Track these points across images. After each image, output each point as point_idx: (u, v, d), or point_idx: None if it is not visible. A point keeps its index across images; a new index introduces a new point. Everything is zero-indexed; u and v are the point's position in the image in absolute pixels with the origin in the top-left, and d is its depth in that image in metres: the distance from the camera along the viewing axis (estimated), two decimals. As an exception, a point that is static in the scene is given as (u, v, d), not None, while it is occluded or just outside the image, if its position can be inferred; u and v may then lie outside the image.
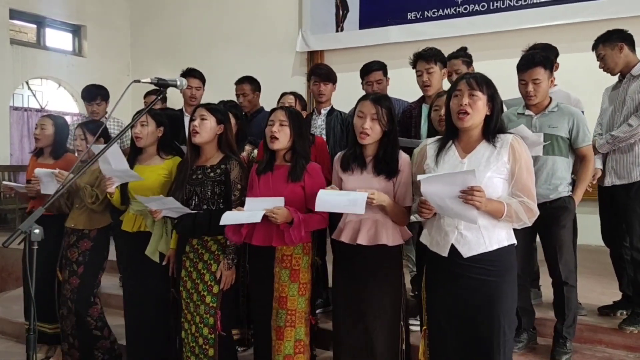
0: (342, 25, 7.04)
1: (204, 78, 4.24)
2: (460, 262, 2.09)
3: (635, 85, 3.18)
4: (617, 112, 3.27)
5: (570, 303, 2.93)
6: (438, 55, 3.30)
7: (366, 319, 2.42)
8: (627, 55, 3.23)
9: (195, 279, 2.72)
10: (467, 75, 2.16)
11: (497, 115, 2.13)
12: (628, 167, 3.17)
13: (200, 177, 2.72)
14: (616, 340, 3.10)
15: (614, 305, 3.39)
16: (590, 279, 3.99)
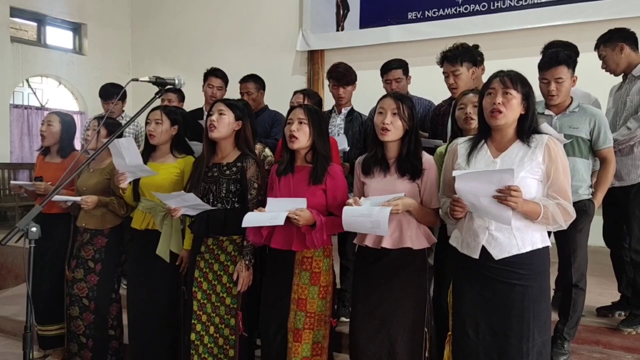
0: (343, 25, 7.04)
1: (226, 78, 4.25)
2: (491, 264, 2.04)
3: (635, 87, 3.15)
4: (619, 113, 3.26)
5: (576, 305, 2.91)
6: (464, 54, 3.18)
7: (388, 325, 2.34)
8: (628, 55, 3.21)
9: (212, 280, 2.68)
10: (501, 73, 2.10)
11: (532, 115, 2.08)
12: (627, 169, 3.17)
13: (216, 174, 2.67)
14: (614, 341, 3.10)
15: (612, 306, 3.40)
16: (590, 279, 3.89)
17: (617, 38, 3.23)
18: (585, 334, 3.17)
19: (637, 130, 3.08)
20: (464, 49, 3.22)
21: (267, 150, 3.14)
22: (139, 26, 8.58)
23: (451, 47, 3.23)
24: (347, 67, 3.65)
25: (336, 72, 3.62)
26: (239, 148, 2.73)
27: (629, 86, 3.21)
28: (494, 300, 2.05)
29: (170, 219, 2.85)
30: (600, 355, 3.04)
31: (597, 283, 3.90)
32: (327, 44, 7.13)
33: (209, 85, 4.14)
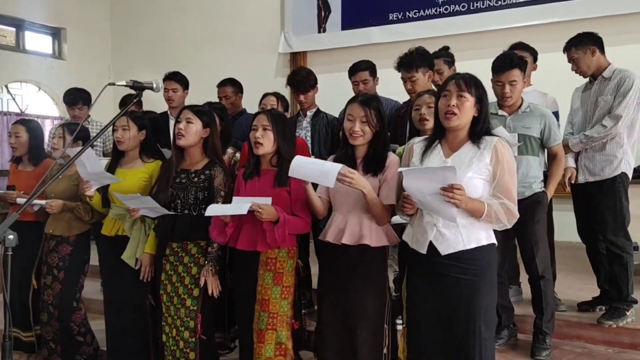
0: (325, 26, 7.06)
1: (184, 80, 4.25)
2: (438, 260, 2.11)
3: (608, 88, 3.27)
4: (589, 112, 3.37)
5: (547, 298, 2.99)
6: (419, 60, 3.25)
7: (350, 321, 2.41)
8: (598, 58, 3.33)
9: (176, 282, 2.72)
10: (456, 76, 2.16)
11: (485, 117, 2.14)
12: (600, 164, 3.28)
13: (184, 181, 2.71)
14: (595, 336, 3.16)
15: (592, 301, 3.46)
16: (569, 275, 4.06)
17: (588, 42, 3.34)
18: (567, 329, 3.23)
19: (613, 128, 3.19)
20: (419, 54, 3.28)
21: (239, 155, 3.16)
22: (120, 30, 8.51)
23: (406, 53, 3.29)
24: (305, 74, 3.66)
25: (295, 80, 3.63)
26: (207, 155, 2.77)
27: (599, 87, 3.33)
28: (442, 293, 2.13)
29: (139, 224, 2.88)
30: (582, 349, 3.10)
31: (578, 279, 3.97)
32: (310, 45, 7.14)
33: (165, 89, 4.16)
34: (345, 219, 2.42)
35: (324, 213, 2.52)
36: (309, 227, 2.58)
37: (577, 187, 3.38)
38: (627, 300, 3.20)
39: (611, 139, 3.24)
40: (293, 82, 3.64)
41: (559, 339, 3.17)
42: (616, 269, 3.22)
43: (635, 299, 3.24)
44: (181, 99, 4.24)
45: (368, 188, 2.28)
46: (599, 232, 3.33)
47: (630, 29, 5.50)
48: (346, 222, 2.41)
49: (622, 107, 3.17)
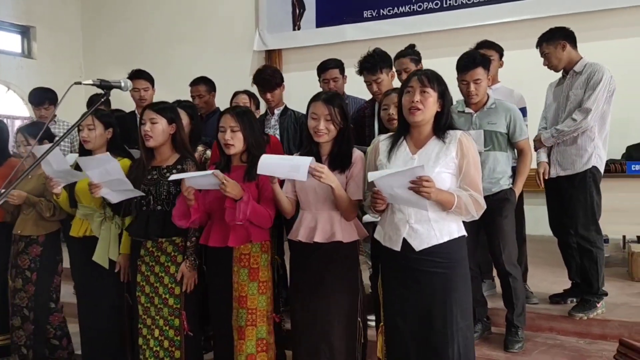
0: (299, 24, 7.05)
1: (151, 78, 4.16)
2: (413, 255, 2.13)
3: (578, 82, 3.29)
4: (561, 107, 3.39)
5: (517, 292, 3.02)
6: (382, 61, 3.25)
7: (323, 318, 2.42)
8: (569, 52, 3.34)
9: (154, 283, 2.69)
10: (418, 72, 2.20)
11: (448, 112, 2.18)
12: (571, 158, 3.30)
13: (156, 177, 2.69)
14: (567, 327, 3.21)
15: (564, 294, 3.51)
16: (542, 268, 4.12)
17: (558, 36, 3.36)
18: (539, 322, 3.27)
19: (583, 121, 3.21)
20: (380, 55, 3.29)
21: (209, 152, 3.13)
22: (91, 28, 8.37)
23: (367, 57, 3.28)
24: (271, 73, 3.64)
25: (260, 79, 3.60)
26: (178, 150, 2.75)
27: (571, 81, 3.35)
28: (418, 288, 2.15)
29: (107, 224, 2.84)
30: (554, 341, 3.14)
31: (550, 272, 4.02)
32: (284, 43, 7.13)
33: (135, 89, 4.02)
34: (315, 217, 2.43)
35: (291, 212, 2.53)
36: (271, 220, 2.55)
37: (550, 182, 3.42)
38: (597, 293, 3.24)
39: (582, 133, 3.25)
40: (259, 80, 3.61)
41: (532, 331, 3.21)
42: (587, 263, 3.26)
43: (605, 292, 3.30)
44: (152, 97, 4.13)
45: (336, 183, 2.29)
46: (570, 226, 3.37)
47: (597, 26, 5.60)
48: (316, 220, 2.43)
49: (591, 100, 3.19)
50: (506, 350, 2.98)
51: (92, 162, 2.58)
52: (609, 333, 3.13)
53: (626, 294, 3.69)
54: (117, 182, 2.57)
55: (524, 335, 3.05)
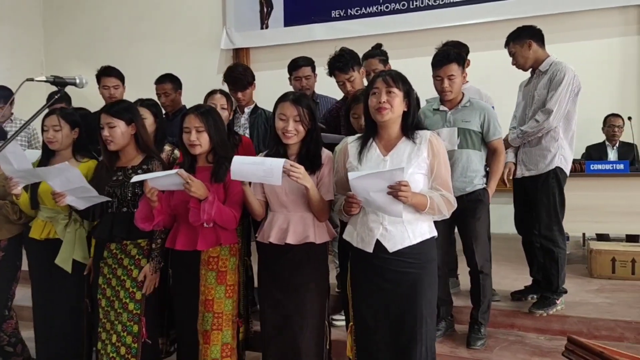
0: (267, 23, 7.02)
1: (122, 76, 4.08)
2: (385, 256, 2.14)
3: (543, 81, 3.33)
4: (528, 106, 3.43)
5: (485, 290, 3.07)
6: (353, 59, 3.25)
7: (292, 319, 2.41)
8: (536, 51, 3.37)
9: (115, 286, 2.63)
10: (383, 73, 2.22)
11: (414, 111, 2.20)
12: (535, 159, 3.35)
13: (121, 178, 2.63)
14: (527, 324, 3.28)
15: (525, 290, 3.59)
16: (505, 266, 4.20)
17: (525, 35, 3.39)
18: (501, 318, 3.34)
19: (545, 122, 3.25)
20: (350, 54, 3.29)
21: (177, 152, 3.07)
22: (53, 24, 8.12)
23: (338, 56, 3.28)
24: (242, 71, 3.60)
25: (231, 78, 3.57)
26: (142, 150, 2.70)
27: (537, 81, 3.39)
28: (389, 289, 2.16)
29: (73, 226, 2.78)
30: (515, 337, 3.21)
31: (513, 269, 4.10)
32: (252, 42, 7.09)
33: (104, 87, 3.95)
34: (287, 218, 2.41)
35: (262, 214, 2.50)
36: (236, 221, 2.52)
37: (516, 182, 3.48)
38: (557, 291, 3.32)
39: (546, 134, 3.28)
40: (230, 79, 3.57)
41: (494, 327, 3.27)
42: (548, 261, 3.33)
43: (565, 289, 3.38)
44: (122, 95, 4.05)
45: (311, 183, 2.27)
46: (534, 226, 3.44)
47: (563, 28, 5.75)
48: (288, 221, 2.40)
49: (553, 101, 3.21)
50: (469, 347, 3.03)
51: (52, 172, 2.50)
52: (567, 329, 3.20)
53: (585, 290, 3.80)
54: (80, 189, 2.51)
55: (486, 332, 3.11)
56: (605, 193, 4.41)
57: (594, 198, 4.40)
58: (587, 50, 5.75)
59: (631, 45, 5.74)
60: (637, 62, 5.73)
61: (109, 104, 2.71)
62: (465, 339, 3.08)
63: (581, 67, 5.24)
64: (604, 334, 3.16)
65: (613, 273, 4.07)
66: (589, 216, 4.42)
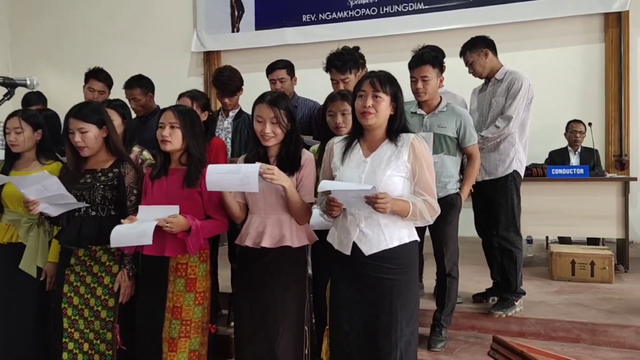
0: (238, 26, 7.02)
1: (110, 82, 3.99)
2: (362, 260, 2.11)
3: (500, 89, 3.43)
4: (484, 113, 3.53)
5: (450, 293, 3.12)
6: (351, 61, 3.20)
7: (268, 325, 2.36)
8: (491, 60, 3.48)
9: (84, 294, 2.55)
10: (371, 75, 2.16)
11: (401, 115, 2.16)
12: (494, 163, 3.44)
13: (90, 181, 2.54)
14: (487, 325, 3.34)
15: (486, 293, 3.66)
16: (468, 268, 4.25)
17: (481, 44, 3.50)
18: (462, 320, 3.39)
19: (505, 128, 3.35)
20: (349, 55, 3.24)
21: (146, 153, 3.04)
22: (20, 25, 7.99)
23: (337, 54, 3.23)
24: (230, 75, 3.55)
25: (219, 82, 3.53)
26: (113, 153, 2.63)
27: (493, 88, 3.49)
28: (365, 293, 2.13)
29: (36, 230, 2.71)
30: (474, 339, 3.26)
31: (475, 272, 4.16)
32: (223, 45, 7.09)
33: (90, 89, 3.88)
34: (264, 221, 2.36)
35: (242, 217, 2.45)
36: (226, 226, 2.49)
37: (476, 185, 3.53)
38: (515, 292, 3.40)
39: (504, 139, 3.39)
40: (217, 83, 3.53)
41: (455, 329, 3.32)
42: (506, 262, 3.42)
43: (523, 290, 3.46)
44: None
45: (288, 183, 2.23)
46: (493, 228, 3.52)
47: (528, 36, 5.90)
48: (265, 224, 2.35)
49: (512, 108, 3.33)
50: (430, 349, 3.06)
51: (28, 181, 2.42)
52: (526, 330, 3.28)
53: (544, 292, 3.89)
54: (57, 197, 2.44)
55: (447, 335, 3.15)
56: (566, 197, 4.52)
57: (556, 202, 4.51)
58: (551, 57, 5.91)
59: (593, 53, 5.91)
60: (599, 70, 5.90)
61: (76, 106, 2.60)
62: (426, 341, 3.11)
63: (546, 74, 5.48)
64: (560, 335, 3.24)
65: (573, 275, 4.18)
66: (551, 220, 4.53)
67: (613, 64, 5.81)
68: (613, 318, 3.31)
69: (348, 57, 3.21)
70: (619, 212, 4.42)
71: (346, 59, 3.19)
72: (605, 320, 3.27)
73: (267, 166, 2.18)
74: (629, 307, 3.49)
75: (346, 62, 3.18)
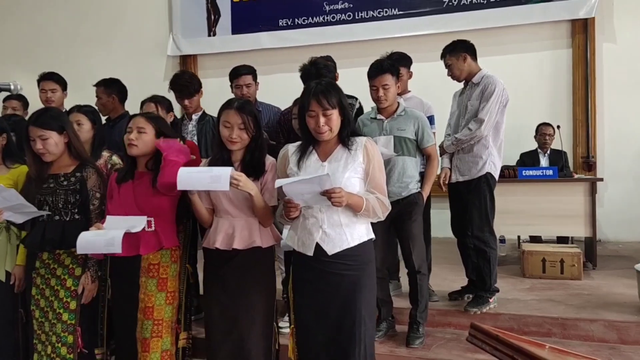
0: (215, 30, 7.03)
1: (62, 81, 4.07)
2: (325, 259, 2.19)
3: (475, 93, 3.53)
4: (461, 116, 3.63)
5: (422, 290, 3.21)
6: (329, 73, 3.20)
7: (240, 325, 2.42)
8: (470, 64, 3.58)
9: (49, 297, 2.57)
10: (315, 92, 2.18)
11: (349, 120, 2.26)
12: (468, 165, 3.54)
13: (52, 185, 2.57)
14: (463, 322, 3.43)
15: (461, 291, 3.76)
16: (444, 268, 4.38)
17: (460, 48, 3.60)
18: (439, 318, 3.48)
19: (477, 131, 3.46)
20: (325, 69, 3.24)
21: (115, 157, 3.05)
22: (-11, 27, 7.86)
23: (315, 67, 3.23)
24: (188, 79, 3.61)
25: (177, 85, 3.57)
26: (76, 158, 2.66)
27: (470, 92, 3.60)
28: (329, 291, 2.22)
29: (4, 234, 2.72)
30: (451, 335, 3.35)
31: (450, 271, 4.27)
32: (200, 48, 7.09)
33: (42, 90, 3.99)
34: (232, 223, 2.42)
35: (210, 221, 2.50)
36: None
37: (451, 186, 3.66)
38: (490, 289, 3.50)
39: (478, 142, 3.50)
40: (176, 86, 3.58)
41: (432, 327, 3.41)
42: (481, 262, 3.52)
43: (497, 288, 3.57)
44: (60, 100, 4.05)
45: (255, 190, 2.31)
46: (468, 228, 3.61)
47: (499, 41, 6.06)
48: (234, 226, 2.42)
49: (484, 111, 3.43)
50: (408, 346, 3.14)
51: None
52: (500, 325, 3.35)
53: (517, 289, 4.01)
54: (18, 206, 2.48)
55: (424, 331, 3.24)
56: (536, 197, 4.67)
57: (527, 202, 4.66)
58: (521, 62, 6.09)
59: (561, 58, 6.11)
60: (567, 74, 6.10)
61: (35, 114, 2.62)
62: (404, 339, 3.19)
63: (516, 78, 5.64)
64: (533, 329, 3.35)
65: (543, 273, 4.32)
66: (522, 219, 4.67)
67: (580, 69, 6.02)
68: (582, 313, 3.44)
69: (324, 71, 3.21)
70: (587, 211, 4.58)
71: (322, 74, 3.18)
72: (575, 315, 3.40)
73: (238, 173, 2.25)
74: (597, 303, 3.63)
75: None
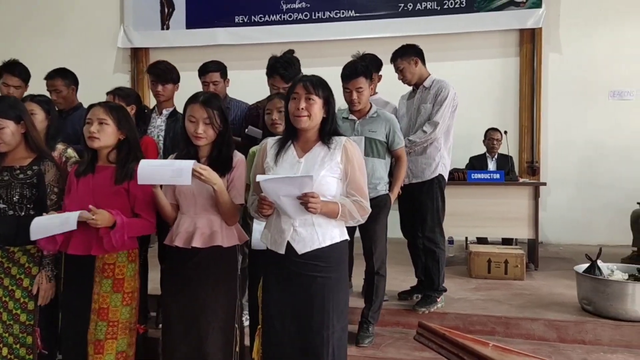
0: (168, 24, 6.90)
1: (27, 75, 3.82)
2: (296, 259, 2.15)
3: (428, 96, 3.61)
4: (412, 119, 3.70)
5: (378, 291, 3.24)
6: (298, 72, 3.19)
7: (198, 324, 2.35)
8: (420, 68, 3.66)
9: (3, 297, 2.45)
10: (304, 78, 2.20)
11: (333, 118, 2.23)
12: (421, 167, 3.61)
13: (7, 178, 2.45)
14: (411, 321, 3.47)
15: (410, 290, 3.84)
16: (394, 268, 4.39)
17: (411, 53, 3.66)
18: (388, 317, 3.53)
19: (432, 133, 3.53)
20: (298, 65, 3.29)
21: (70, 150, 2.95)
22: None
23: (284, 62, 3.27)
24: (169, 67, 3.56)
25: (156, 69, 3.53)
26: (33, 150, 2.55)
27: (421, 95, 3.67)
28: (298, 292, 2.18)
29: None
30: (399, 334, 3.41)
31: (401, 271, 4.33)
32: (152, 42, 6.96)
33: (4, 84, 3.71)
34: (194, 221, 2.36)
35: (174, 217, 2.42)
36: (153, 227, 2.46)
37: (403, 188, 3.68)
38: (438, 289, 3.59)
39: (430, 144, 3.57)
40: (153, 69, 3.51)
41: (381, 326, 3.45)
42: (430, 262, 3.60)
43: (445, 288, 3.66)
44: (22, 95, 3.72)
45: (219, 184, 2.25)
46: (419, 229, 3.69)
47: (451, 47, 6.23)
48: (195, 224, 2.35)
49: (439, 114, 3.52)
50: (357, 345, 3.16)
51: None
52: (447, 324, 3.43)
53: (464, 289, 4.13)
54: None
55: (374, 331, 3.28)
56: (484, 200, 4.82)
57: (475, 205, 4.80)
58: (472, 68, 6.28)
59: (509, 66, 6.34)
60: (514, 82, 6.34)
61: None
62: (354, 338, 3.20)
63: (467, 84, 5.79)
64: (477, 328, 3.45)
65: (489, 273, 4.46)
66: (470, 221, 4.80)
67: (526, 77, 6.27)
68: (524, 312, 3.57)
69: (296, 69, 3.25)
70: (530, 214, 4.76)
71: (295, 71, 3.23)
72: (517, 315, 3.52)
73: (201, 166, 2.20)
74: (539, 302, 3.78)
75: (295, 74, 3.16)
